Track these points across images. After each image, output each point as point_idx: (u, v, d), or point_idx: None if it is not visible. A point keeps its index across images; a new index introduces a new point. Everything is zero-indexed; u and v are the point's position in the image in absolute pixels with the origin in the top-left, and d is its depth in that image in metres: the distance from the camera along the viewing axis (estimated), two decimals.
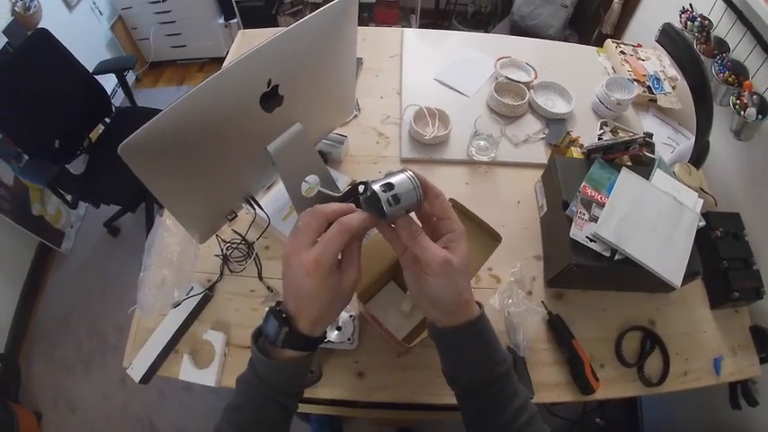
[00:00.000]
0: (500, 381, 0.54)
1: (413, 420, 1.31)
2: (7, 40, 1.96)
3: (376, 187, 0.49)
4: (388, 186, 0.50)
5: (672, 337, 0.96)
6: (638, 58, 1.47)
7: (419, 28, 2.93)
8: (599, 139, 1.22)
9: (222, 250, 0.99)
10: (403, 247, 0.54)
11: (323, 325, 0.53)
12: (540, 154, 1.23)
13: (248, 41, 1.55)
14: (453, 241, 0.52)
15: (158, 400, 1.85)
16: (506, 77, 1.36)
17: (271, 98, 0.74)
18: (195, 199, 0.78)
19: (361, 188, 0.52)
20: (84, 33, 2.54)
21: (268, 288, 0.97)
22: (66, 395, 1.89)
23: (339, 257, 0.52)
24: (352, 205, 0.53)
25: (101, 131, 2.08)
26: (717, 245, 1.01)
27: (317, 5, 3.14)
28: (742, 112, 1.03)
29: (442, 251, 0.50)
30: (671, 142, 1.29)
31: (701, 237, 0.94)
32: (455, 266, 0.51)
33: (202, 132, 0.67)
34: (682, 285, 0.87)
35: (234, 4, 2.77)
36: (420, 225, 0.53)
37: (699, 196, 0.99)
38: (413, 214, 0.54)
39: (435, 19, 3.20)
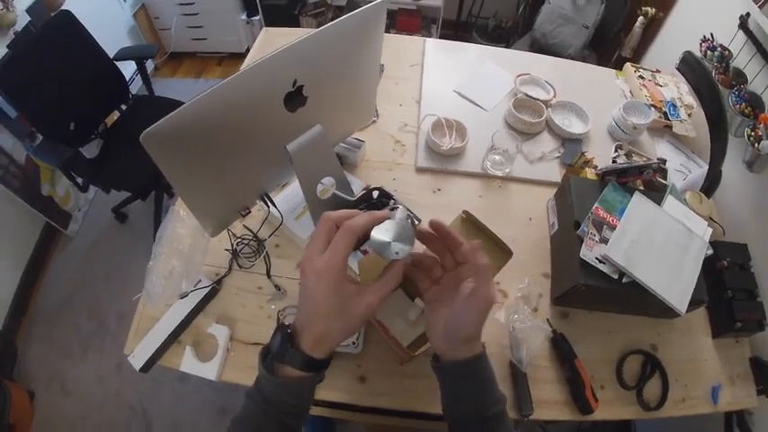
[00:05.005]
0: (494, 419, 0.55)
1: (411, 428, 1.31)
2: (30, 19, 1.98)
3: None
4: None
5: (672, 362, 0.96)
6: (657, 84, 1.48)
7: (439, 38, 2.95)
8: (613, 161, 1.23)
9: (232, 245, 1.00)
10: (429, 284, 0.59)
11: (325, 345, 0.53)
12: (555, 172, 1.23)
13: (271, 39, 1.56)
14: (478, 281, 0.55)
15: (152, 389, 1.86)
16: (525, 94, 1.36)
17: (295, 98, 0.75)
18: (211, 192, 0.78)
19: (375, 194, 0.54)
20: (105, 19, 2.57)
21: (276, 286, 0.97)
22: (61, 377, 1.89)
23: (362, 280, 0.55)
24: (357, 210, 0.56)
25: (116, 117, 2.09)
26: (723, 274, 1.01)
27: (340, 8, 3.13)
28: (756, 144, 1.04)
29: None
30: (683, 169, 1.29)
31: (708, 265, 0.94)
32: (487, 296, 0.56)
33: (225, 127, 0.67)
34: (686, 312, 0.87)
35: (257, 1, 2.79)
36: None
37: (708, 225, 0.99)
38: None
39: (456, 30, 3.22)
